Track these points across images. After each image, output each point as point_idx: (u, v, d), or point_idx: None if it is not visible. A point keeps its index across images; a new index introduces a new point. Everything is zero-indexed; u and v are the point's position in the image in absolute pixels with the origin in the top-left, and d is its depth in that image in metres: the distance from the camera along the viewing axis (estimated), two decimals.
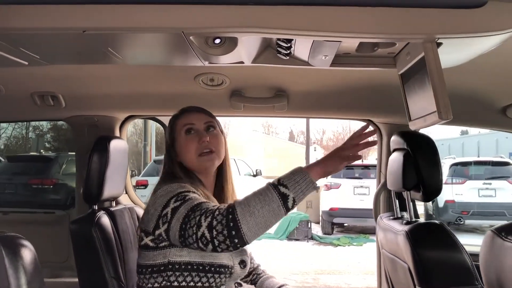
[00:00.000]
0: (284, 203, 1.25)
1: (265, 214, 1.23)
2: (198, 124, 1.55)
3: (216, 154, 1.53)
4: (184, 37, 1.17)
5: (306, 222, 9.35)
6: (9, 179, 7.46)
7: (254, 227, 1.22)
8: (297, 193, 1.26)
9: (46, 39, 1.23)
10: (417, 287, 1.49)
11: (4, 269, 0.98)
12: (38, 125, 13.99)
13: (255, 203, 1.24)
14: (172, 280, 1.41)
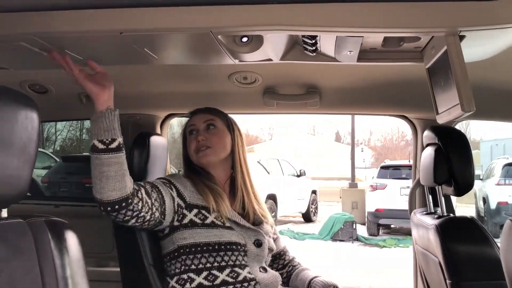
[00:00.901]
0: (97, 152, 1.36)
1: (95, 173, 1.38)
2: (198, 124, 1.71)
3: (212, 150, 1.67)
4: (213, 36, 1.24)
5: (351, 223, 9.26)
6: (63, 178, 7.81)
7: (99, 188, 1.37)
8: (97, 135, 1.37)
9: (88, 42, 1.33)
10: (448, 281, 1.49)
11: (49, 250, 1.08)
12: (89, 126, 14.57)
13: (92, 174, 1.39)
14: (189, 263, 1.53)
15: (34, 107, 1.07)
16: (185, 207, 1.58)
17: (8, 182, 1.00)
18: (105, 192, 1.37)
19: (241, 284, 1.53)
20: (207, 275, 1.53)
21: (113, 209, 1.39)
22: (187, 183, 1.64)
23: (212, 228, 1.57)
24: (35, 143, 1.06)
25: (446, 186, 1.68)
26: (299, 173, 11.83)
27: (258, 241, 1.62)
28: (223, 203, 1.61)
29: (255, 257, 1.60)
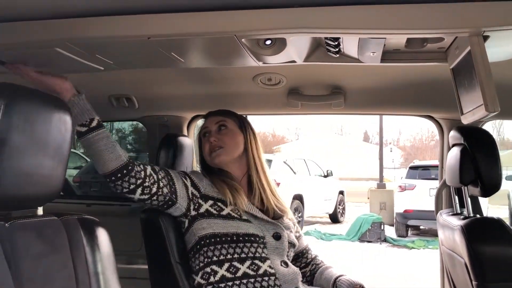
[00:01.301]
0: (82, 135, 1.46)
1: (90, 152, 1.49)
2: (210, 126, 1.78)
3: (224, 150, 1.73)
4: (237, 39, 1.27)
5: (379, 223, 9.15)
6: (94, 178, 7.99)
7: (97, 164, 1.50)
8: (76, 120, 1.45)
9: (117, 46, 1.38)
10: (474, 283, 1.48)
11: (82, 247, 1.13)
12: (120, 127, 14.93)
13: (90, 156, 1.54)
14: (210, 255, 1.58)
15: (67, 109, 1.12)
16: (200, 197, 1.65)
17: (43, 181, 1.05)
18: (104, 164, 1.48)
19: (262, 278, 1.57)
20: (229, 267, 1.57)
21: (116, 178, 1.50)
22: (204, 178, 1.71)
23: (229, 219, 1.62)
24: (68, 144, 1.11)
25: (473, 186, 1.66)
26: (326, 173, 11.76)
27: (276, 234, 1.66)
28: (239, 197, 1.66)
29: (274, 249, 1.64)
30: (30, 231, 1.01)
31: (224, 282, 1.57)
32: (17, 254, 0.95)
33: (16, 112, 0.96)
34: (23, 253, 0.96)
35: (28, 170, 1.00)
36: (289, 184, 9.36)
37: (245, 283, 1.56)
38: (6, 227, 0.96)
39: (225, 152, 1.73)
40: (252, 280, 1.57)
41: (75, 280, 1.08)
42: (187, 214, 1.64)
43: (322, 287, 1.77)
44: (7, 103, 0.94)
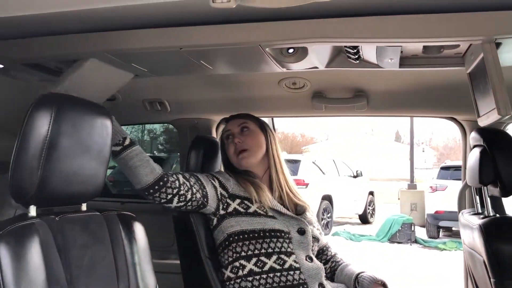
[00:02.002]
0: (118, 154, 1.54)
1: (126, 170, 1.58)
2: (233, 128, 1.87)
3: (249, 152, 1.82)
4: (261, 49, 1.37)
5: (410, 224, 9.06)
6: (126, 178, 8.19)
7: (133, 179, 1.58)
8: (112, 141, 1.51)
9: (151, 56, 1.50)
10: (492, 280, 1.53)
11: (121, 240, 1.25)
12: (152, 128, 15.26)
13: (126, 175, 1.61)
14: (239, 250, 1.68)
15: (107, 115, 1.24)
16: (228, 196, 1.74)
17: (87, 180, 1.18)
18: (140, 179, 1.57)
19: (287, 272, 1.65)
20: (256, 261, 1.66)
21: (154, 191, 1.59)
22: (230, 177, 1.80)
23: (255, 216, 1.71)
24: (108, 147, 1.23)
25: (492, 187, 1.70)
26: (355, 173, 11.70)
27: (301, 229, 1.74)
28: (264, 194, 1.75)
29: (299, 244, 1.72)
30: (77, 224, 1.13)
31: (252, 276, 1.66)
32: (67, 244, 1.07)
33: (64, 119, 1.08)
34: (71, 243, 1.08)
35: (75, 170, 1.13)
36: (317, 185, 9.37)
37: (271, 276, 1.65)
38: (57, 220, 1.09)
39: (250, 154, 1.82)
40: (278, 274, 1.65)
41: (115, 269, 1.19)
42: (216, 213, 1.74)
43: (343, 284, 1.84)
44: (57, 111, 1.07)
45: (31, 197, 1.06)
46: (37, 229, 1.01)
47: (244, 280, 1.66)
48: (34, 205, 1.07)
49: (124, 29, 1.41)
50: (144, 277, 1.28)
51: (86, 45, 1.45)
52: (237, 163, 1.85)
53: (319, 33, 1.27)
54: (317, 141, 39.80)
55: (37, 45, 1.48)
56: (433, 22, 1.22)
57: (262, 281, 1.65)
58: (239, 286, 1.67)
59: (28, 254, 0.96)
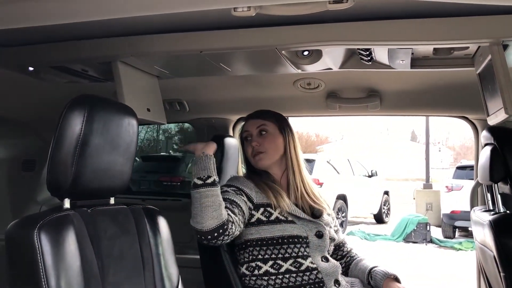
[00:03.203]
0: (196, 187, 1.61)
1: (196, 205, 1.60)
2: (251, 130, 1.88)
3: (265, 154, 1.83)
4: (278, 51, 1.44)
5: (425, 224, 9.02)
6: (143, 177, 8.30)
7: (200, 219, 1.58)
8: (196, 174, 1.64)
9: (174, 59, 1.58)
10: (502, 274, 1.57)
11: (146, 231, 1.33)
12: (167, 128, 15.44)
13: (192, 208, 1.62)
14: (256, 254, 1.72)
15: (133, 115, 1.32)
16: (253, 208, 1.76)
17: (116, 175, 1.26)
18: (205, 221, 1.57)
19: (304, 273, 1.70)
20: (272, 264, 1.71)
21: (212, 237, 1.58)
22: (250, 184, 1.81)
23: (276, 223, 1.74)
24: (134, 145, 1.31)
25: (503, 184, 1.75)
26: (370, 173, 11.68)
27: (319, 233, 1.78)
28: (282, 200, 1.77)
29: (317, 247, 1.76)
30: (107, 216, 1.22)
31: (267, 276, 1.71)
32: (98, 235, 1.16)
33: (96, 118, 1.17)
34: (102, 234, 1.17)
35: (105, 166, 1.21)
36: (332, 184, 9.39)
37: (287, 277, 1.70)
38: (89, 212, 1.17)
39: (267, 156, 1.84)
40: (294, 275, 1.70)
41: (141, 258, 1.28)
42: None
43: (357, 278, 1.89)
44: (89, 111, 1.15)
45: (66, 191, 1.14)
46: (72, 220, 1.09)
47: (259, 278, 1.72)
48: (68, 198, 1.16)
49: (148, 33, 1.49)
50: (167, 266, 1.36)
51: (113, 49, 1.54)
52: (254, 164, 1.88)
53: (332, 37, 1.34)
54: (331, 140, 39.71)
55: (66, 49, 1.57)
56: (442, 26, 1.28)
57: (278, 281, 1.70)
58: (254, 283, 1.73)
59: (65, 242, 1.04)
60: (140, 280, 1.26)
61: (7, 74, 1.75)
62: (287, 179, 1.88)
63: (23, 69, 1.71)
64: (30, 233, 1.00)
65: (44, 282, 0.97)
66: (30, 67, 1.70)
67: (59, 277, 0.99)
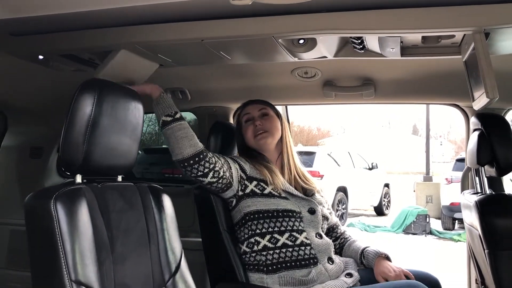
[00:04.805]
0: (167, 124, 1.70)
1: (172, 140, 1.71)
2: (253, 112, 1.99)
3: (269, 133, 1.95)
4: (275, 40, 1.52)
5: (425, 216, 9.11)
6: (146, 169, 8.40)
7: (178, 150, 1.71)
8: (163, 113, 1.71)
9: (176, 47, 1.67)
10: (486, 251, 1.66)
11: (151, 207, 1.43)
12: None
13: (169, 145, 1.74)
14: (254, 228, 1.83)
15: (139, 99, 1.41)
16: (246, 179, 1.89)
17: (123, 155, 1.35)
18: (182, 150, 1.71)
19: (299, 248, 1.81)
20: (270, 238, 1.82)
21: (193, 162, 1.72)
22: (246, 161, 1.94)
23: (270, 197, 1.86)
24: (140, 127, 1.41)
25: (489, 167, 1.84)
26: (371, 166, 11.77)
27: (311, 209, 1.90)
28: (276, 177, 1.90)
29: (310, 223, 1.87)
30: (115, 191, 1.31)
31: (266, 251, 1.82)
32: (107, 208, 1.25)
33: (105, 101, 1.26)
34: (111, 207, 1.27)
35: (113, 145, 1.31)
36: (332, 176, 9.49)
37: (284, 251, 1.81)
38: (99, 187, 1.27)
39: (269, 136, 1.96)
40: (290, 249, 1.81)
41: (147, 232, 1.37)
42: (236, 194, 1.89)
43: (351, 258, 1.99)
44: (99, 94, 1.24)
45: (78, 167, 1.24)
46: (84, 193, 1.19)
47: (259, 254, 1.83)
48: (80, 174, 1.26)
49: (151, 23, 1.58)
50: (171, 241, 1.46)
51: (118, 37, 1.62)
52: (254, 144, 1.99)
53: (326, 25, 1.42)
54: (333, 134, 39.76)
55: (74, 38, 1.66)
56: (429, 15, 1.36)
57: (276, 255, 1.81)
58: (254, 259, 1.84)
59: (79, 212, 1.14)
60: (146, 252, 1.36)
61: (16, 62, 1.84)
62: (281, 162, 2.00)
63: (33, 58, 1.80)
64: (47, 203, 1.10)
65: (60, 246, 1.07)
66: (40, 56, 1.79)
67: (73, 242, 1.09)
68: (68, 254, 1.07)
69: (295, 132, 28.77)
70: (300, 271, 1.78)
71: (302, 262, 1.80)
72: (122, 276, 1.24)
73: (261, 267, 1.81)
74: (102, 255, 1.17)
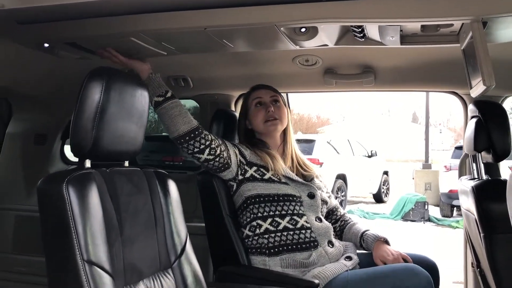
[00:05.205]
0: (159, 105, 1.77)
1: (166, 119, 1.77)
2: (265, 98, 2.03)
3: (279, 121, 2.00)
4: (277, 28, 1.55)
5: (423, 203, 9.19)
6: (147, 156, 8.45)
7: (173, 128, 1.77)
8: (154, 94, 1.77)
9: (179, 35, 1.70)
10: (481, 234, 1.71)
11: (157, 192, 1.48)
12: None
13: (164, 124, 1.80)
14: (256, 212, 1.89)
15: (145, 87, 1.45)
16: (246, 163, 1.94)
17: (130, 141, 1.39)
18: (178, 127, 1.76)
19: (299, 231, 1.86)
20: (271, 222, 1.87)
21: (189, 138, 1.77)
22: (247, 148, 1.99)
23: (270, 182, 1.91)
24: (146, 114, 1.44)
25: (486, 154, 1.88)
26: (370, 153, 11.82)
27: (311, 193, 1.95)
28: (277, 163, 1.95)
29: (310, 207, 1.92)
30: (123, 176, 1.36)
31: (268, 234, 1.87)
32: (116, 192, 1.30)
33: (113, 88, 1.30)
34: (120, 191, 1.31)
35: (120, 132, 1.34)
36: (332, 164, 9.54)
37: (285, 235, 1.86)
38: (108, 172, 1.31)
39: (280, 123, 2.02)
40: (291, 233, 1.86)
41: (154, 215, 1.42)
42: (236, 178, 1.94)
43: (350, 241, 2.04)
44: (107, 81, 1.28)
45: (87, 153, 1.28)
46: (94, 177, 1.23)
47: (261, 237, 1.88)
48: (89, 159, 1.30)
49: (155, 11, 1.61)
50: (177, 224, 1.51)
51: (123, 26, 1.65)
52: (263, 128, 2.02)
53: (327, 14, 1.45)
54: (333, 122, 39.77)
55: (80, 26, 1.68)
56: (428, 4, 1.39)
57: (277, 238, 1.86)
58: (256, 242, 1.89)
59: (89, 195, 1.18)
60: (153, 235, 1.41)
61: (21, 50, 1.87)
62: (283, 150, 2.04)
63: (39, 46, 1.82)
64: (60, 186, 1.14)
65: (73, 227, 1.12)
66: (45, 44, 1.82)
67: (85, 224, 1.14)
68: (80, 235, 1.12)
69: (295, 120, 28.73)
70: (301, 254, 1.84)
71: (303, 245, 1.85)
72: (131, 257, 1.28)
73: (263, 250, 1.87)
74: (111, 237, 1.22)
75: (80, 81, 1.31)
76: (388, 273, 1.74)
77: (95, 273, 1.13)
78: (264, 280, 1.79)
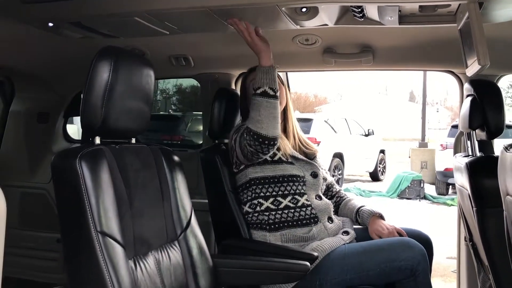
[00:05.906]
0: (267, 97, 1.75)
1: (265, 114, 1.75)
2: None
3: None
4: (278, 8, 1.59)
5: (419, 181, 9.30)
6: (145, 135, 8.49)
7: (267, 126, 1.75)
8: (268, 83, 1.74)
9: (183, 15, 1.73)
10: (474, 209, 1.78)
11: (163, 167, 1.53)
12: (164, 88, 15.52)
13: (255, 114, 1.74)
14: (258, 191, 1.94)
15: (151, 66, 1.49)
16: None
17: (137, 118, 1.44)
18: (272, 129, 1.78)
19: (300, 209, 1.93)
20: (273, 201, 1.93)
21: (274, 143, 1.80)
22: None
23: (279, 164, 1.96)
24: (151, 92, 1.49)
25: (480, 131, 1.94)
26: (367, 132, 11.90)
27: (314, 173, 2.01)
28: (284, 143, 2.00)
29: (312, 186, 1.98)
30: (131, 152, 1.41)
31: (268, 211, 1.94)
32: (125, 167, 1.35)
33: (121, 67, 1.34)
34: (129, 167, 1.37)
35: (128, 109, 1.39)
36: (329, 143, 9.62)
37: (286, 212, 1.92)
38: (117, 148, 1.37)
39: (280, 102, 2.04)
40: (292, 211, 1.92)
41: (161, 190, 1.48)
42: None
43: (346, 217, 2.11)
44: (116, 60, 1.32)
45: (97, 130, 1.33)
46: (104, 153, 1.29)
47: (261, 214, 1.94)
48: (98, 136, 1.35)
49: None
50: (182, 199, 1.57)
51: (127, 5, 1.68)
52: None
53: None
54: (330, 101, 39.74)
55: (85, 6, 1.71)
56: None
57: (278, 215, 1.92)
58: (257, 218, 1.96)
59: (101, 170, 1.24)
60: (160, 209, 1.47)
61: (24, 29, 1.90)
62: (285, 129, 2.08)
63: (43, 25, 1.85)
64: (73, 161, 1.20)
65: (86, 200, 1.17)
66: (50, 23, 1.85)
67: (98, 198, 1.19)
68: (93, 208, 1.18)
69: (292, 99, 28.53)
70: (301, 229, 1.91)
71: (304, 221, 1.92)
72: (140, 229, 1.35)
73: (264, 226, 1.93)
74: (122, 210, 1.28)
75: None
76: (384, 247, 1.81)
77: (108, 243, 1.19)
78: (265, 253, 1.87)
